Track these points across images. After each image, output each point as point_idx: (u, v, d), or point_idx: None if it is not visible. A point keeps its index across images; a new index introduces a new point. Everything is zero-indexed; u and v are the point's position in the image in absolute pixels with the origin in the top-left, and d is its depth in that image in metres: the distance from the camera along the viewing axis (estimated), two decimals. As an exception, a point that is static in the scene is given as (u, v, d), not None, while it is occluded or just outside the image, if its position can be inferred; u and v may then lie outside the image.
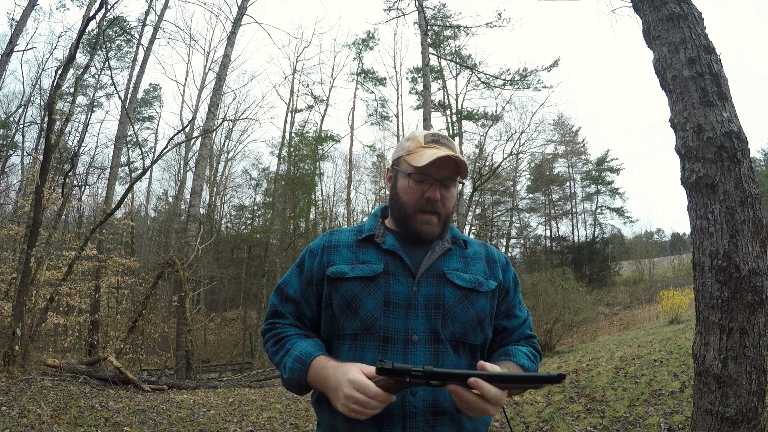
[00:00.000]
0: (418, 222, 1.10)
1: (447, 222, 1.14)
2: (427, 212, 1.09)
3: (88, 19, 7.55)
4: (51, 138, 6.89)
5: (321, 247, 1.15)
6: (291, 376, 1.02)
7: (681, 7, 2.52)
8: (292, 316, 1.14)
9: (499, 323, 1.15)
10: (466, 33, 18.66)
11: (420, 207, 1.09)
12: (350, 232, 1.17)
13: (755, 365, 2.14)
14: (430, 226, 1.10)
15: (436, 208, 1.09)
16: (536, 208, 33.92)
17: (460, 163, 1.08)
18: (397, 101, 31.62)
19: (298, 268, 1.16)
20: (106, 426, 4.63)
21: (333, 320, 1.09)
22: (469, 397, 0.83)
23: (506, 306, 1.16)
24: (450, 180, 1.11)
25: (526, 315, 1.20)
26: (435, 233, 1.11)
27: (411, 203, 1.10)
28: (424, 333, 1.03)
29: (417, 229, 1.10)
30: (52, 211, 11.65)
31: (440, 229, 1.12)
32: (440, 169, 1.08)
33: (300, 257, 1.18)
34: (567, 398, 4.66)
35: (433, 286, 1.06)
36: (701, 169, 2.31)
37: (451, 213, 1.14)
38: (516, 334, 1.16)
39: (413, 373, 0.81)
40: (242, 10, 12.97)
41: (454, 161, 1.08)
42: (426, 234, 1.10)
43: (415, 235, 1.11)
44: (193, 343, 10.57)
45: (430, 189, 1.09)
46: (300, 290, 1.14)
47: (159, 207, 29.11)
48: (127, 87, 16.94)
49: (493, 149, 26.59)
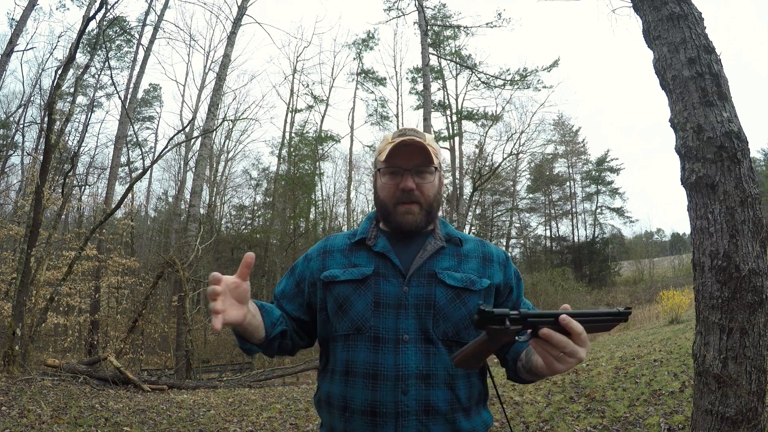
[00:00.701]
0: (399, 214, 1.10)
1: (431, 211, 1.12)
2: (405, 203, 1.10)
3: (88, 19, 7.55)
4: (51, 138, 6.89)
5: (317, 253, 1.18)
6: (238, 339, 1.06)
7: (681, 7, 2.52)
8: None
9: None
10: (466, 33, 18.67)
11: (397, 200, 1.10)
12: (345, 237, 1.19)
13: (755, 365, 2.14)
14: (411, 215, 1.10)
15: (413, 197, 1.09)
16: (536, 208, 33.96)
17: (422, 147, 1.08)
18: (397, 101, 31.71)
19: (290, 271, 1.22)
20: (106, 426, 4.63)
21: (327, 322, 1.12)
22: (560, 339, 0.83)
23: (512, 304, 1.16)
24: (422, 167, 1.10)
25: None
26: (418, 222, 1.10)
27: (389, 198, 1.11)
28: (415, 332, 1.03)
29: (399, 222, 1.10)
30: (52, 211, 11.65)
31: (423, 218, 1.11)
32: (408, 158, 1.09)
33: (296, 262, 1.23)
34: (567, 398, 4.66)
35: (423, 286, 1.06)
36: (701, 169, 2.31)
37: (433, 201, 1.12)
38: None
39: (511, 317, 0.82)
40: (242, 10, 12.97)
41: (419, 148, 1.08)
42: (408, 224, 1.10)
43: (399, 228, 1.11)
44: (193, 343, 10.57)
45: (403, 180, 1.09)
46: (287, 289, 1.18)
47: (159, 207, 29.13)
48: (127, 87, 16.95)
49: (493, 149, 26.68)
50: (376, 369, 1.01)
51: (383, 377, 1.00)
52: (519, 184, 32.00)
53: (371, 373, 1.01)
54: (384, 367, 1.01)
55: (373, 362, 1.02)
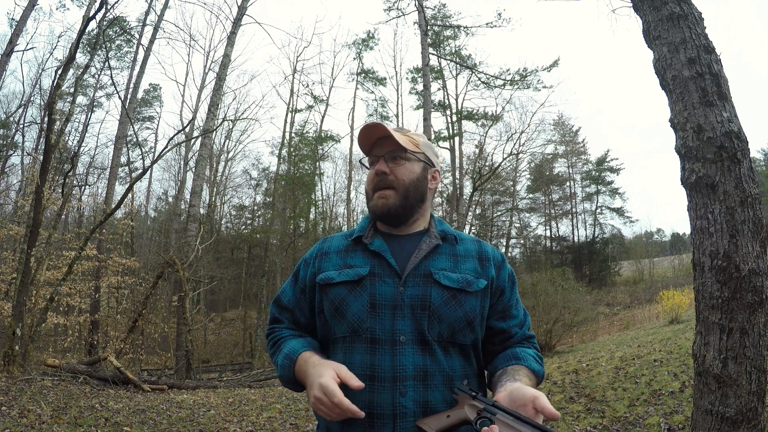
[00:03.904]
0: (374, 200, 1.13)
1: (407, 197, 1.12)
2: (381, 188, 1.12)
3: (88, 19, 7.55)
4: (51, 138, 6.89)
5: (314, 256, 1.18)
6: (282, 373, 1.07)
7: (681, 7, 2.52)
8: (288, 322, 1.19)
9: (496, 324, 1.12)
10: (466, 33, 18.66)
11: (375, 186, 1.13)
12: (342, 238, 1.20)
13: (755, 365, 2.13)
14: (384, 199, 1.11)
15: (387, 181, 1.11)
16: (536, 208, 33.95)
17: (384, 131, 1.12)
18: (397, 101, 31.66)
19: (294, 278, 1.21)
20: (106, 426, 4.63)
21: (326, 325, 1.12)
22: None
23: (503, 306, 1.13)
24: (395, 153, 1.13)
25: (523, 315, 1.17)
26: (391, 206, 1.11)
27: (370, 187, 1.15)
28: (411, 334, 1.02)
29: (374, 207, 1.13)
30: (52, 211, 11.64)
31: (399, 201, 1.11)
32: (381, 146, 1.14)
33: (296, 266, 1.23)
34: (567, 398, 4.66)
35: (419, 286, 1.05)
36: (701, 169, 2.31)
37: (409, 186, 1.12)
38: (518, 336, 1.14)
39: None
40: (242, 10, 12.97)
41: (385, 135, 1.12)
42: (380, 208, 1.11)
43: (374, 214, 1.13)
44: (193, 343, 10.56)
45: (378, 165, 1.13)
46: (294, 299, 1.18)
47: (159, 207, 29.13)
48: (127, 87, 16.94)
49: (493, 149, 26.70)
50: (374, 371, 1.00)
51: (380, 379, 0.99)
52: (519, 184, 32.02)
53: (368, 375, 1.00)
54: (381, 369, 1.00)
55: (370, 364, 1.01)
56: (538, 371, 1.05)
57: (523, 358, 1.06)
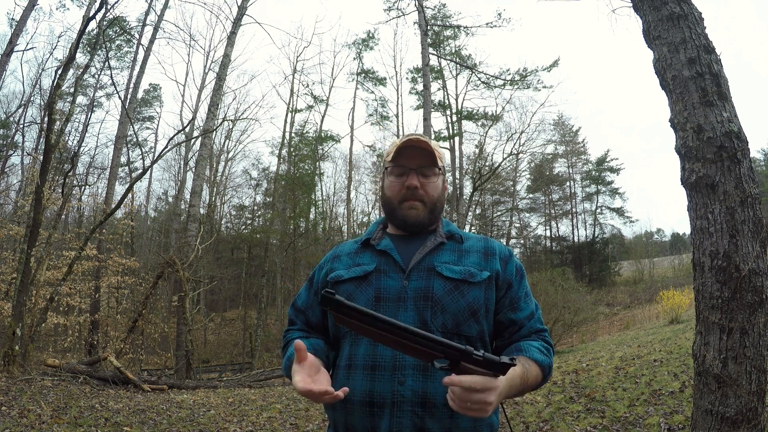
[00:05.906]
0: (404, 209, 1.16)
1: (434, 210, 1.17)
2: (409, 200, 1.15)
3: (88, 19, 7.55)
4: (51, 138, 6.88)
5: (327, 261, 1.24)
6: (285, 373, 1.10)
7: (681, 7, 2.52)
8: (302, 323, 1.25)
9: (505, 316, 1.13)
10: (466, 33, 18.65)
11: (403, 197, 1.16)
12: (353, 242, 1.26)
13: (755, 365, 2.13)
14: (415, 210, 1.15)
15: (418, 195, 1.15)
16: (536, 208, 33.97)
17: (427, 148, 1.14)
18: (397, 101, 31.64)
19: (309, 282, 1.27)
20: (106, 426, 4.63)
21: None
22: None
23: (510, 299, 1.14)
24: (427, 168, 1.16)
25: (533, 307, 1.17)
26: (421, 218, 1.15)
27: (395, 195, 1.17)
28: (414, 324, 1.03)
29: (404, 216, 1.16)
30: (52, 211, 11.64)
31: (427, 215, 1.16)
32: (412, 158, 1.15)
33: (312, 272, 1.29)
34: (567, 398, 4.66)
35: (423, 279, 1.08)
36: (701, 169, 2.31)
37: (437, 201, 1.18)
38: (526, 329, 1.13)
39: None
40: (242, 10, 12.97)
41: (424, 149, 1.14)
42: (412, 218, 1.15)
43: (404, 222, 1.16)
44: (193, 343, 10.56)
45: (408, 178, 1.15)
46: (308, 301, 1.24)
47: (159, 207, 29.15)
48: (127, 87, 16.94)
49: (493, 149, 26.73)
50: (375, 360, 1.03)
51: (381, 368, 1.02)
52: (519, 184, 32.02)
53: (370, 364, 1.03)
54: (382, 358, 1.02)
55: (372, 354, 1.04)
56: (542, 361, 1.04)
57: (526, 350, 1.06)
